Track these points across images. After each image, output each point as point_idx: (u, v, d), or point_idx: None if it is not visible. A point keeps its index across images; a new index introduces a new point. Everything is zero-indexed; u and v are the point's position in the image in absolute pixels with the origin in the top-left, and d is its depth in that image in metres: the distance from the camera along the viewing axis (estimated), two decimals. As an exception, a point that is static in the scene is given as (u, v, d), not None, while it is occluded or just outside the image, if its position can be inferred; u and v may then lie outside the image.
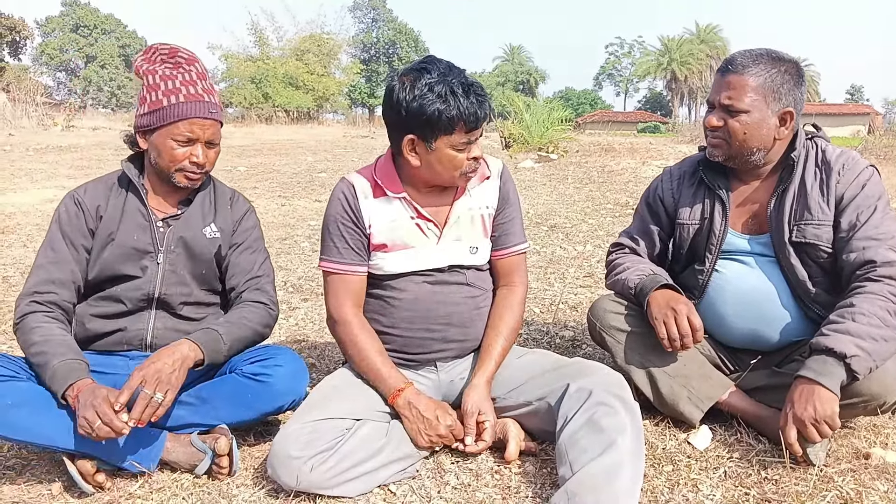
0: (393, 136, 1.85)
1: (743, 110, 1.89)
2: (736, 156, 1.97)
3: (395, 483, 1.78)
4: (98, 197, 1.96)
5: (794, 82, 1.90)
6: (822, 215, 1.91)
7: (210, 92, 1.92)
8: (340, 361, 2.61)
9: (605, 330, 2.12)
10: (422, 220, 1.91)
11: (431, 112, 1.72)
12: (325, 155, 11.30)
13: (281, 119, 25.35)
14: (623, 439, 1.58)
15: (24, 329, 1.81)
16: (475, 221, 1.97)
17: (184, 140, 1.87)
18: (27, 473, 1.86)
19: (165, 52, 1.92)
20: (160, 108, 1.85)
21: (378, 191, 1.92)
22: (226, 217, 2.06)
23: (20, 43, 37.96)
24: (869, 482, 1.73)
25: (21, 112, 17.46)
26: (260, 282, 2.04)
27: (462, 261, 1.96)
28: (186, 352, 1.75)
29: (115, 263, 1.92)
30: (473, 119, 1.75)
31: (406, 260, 1.91)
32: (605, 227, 5.44)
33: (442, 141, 1.77)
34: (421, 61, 1.80)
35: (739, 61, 1.90)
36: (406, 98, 1.74)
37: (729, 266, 2.06)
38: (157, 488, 1.78)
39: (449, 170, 1.83)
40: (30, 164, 9.40)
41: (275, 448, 1.70)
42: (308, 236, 5.17)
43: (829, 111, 48.37)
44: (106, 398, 1.61)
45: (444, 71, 1.74)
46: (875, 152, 12.59)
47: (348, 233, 1.91)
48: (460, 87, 1.72)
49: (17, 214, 5.79)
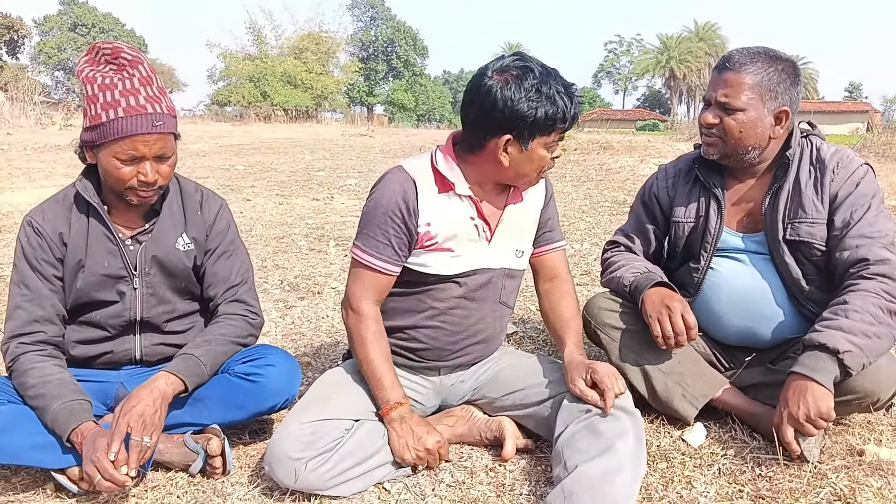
0: (480, 134, 1.74)
1: (739, 108, 1.89)
2: (731, 154, 1.97)
3: (389, 481, 1.78)
4: (59, 222, 1.83)
5: (790, 81, 1.90)
6: (816, 213, 1.91)
7: (155, 100, 1.74)
8: (337, 360, 2.62)
9: (599, 328, 2.12)
10: (480, 220, 1.84)
11: (539, 114, 1.66)
12: (323, 154, 11.28)
13: (279, 118, 25.26)
14: (623, 443, 1.58)
15: (17, 372, 1.76)
16: (524, 224, 1.94)
17: (127, 159, 1.72)
18: (22, 473, 1.86)
19: (108, 52, 1.76)
20: (100, 125, 1.70)
21: (443, 186, 1.82)
22: (197, 224, 1.95)
23: (18, 42, 37.91)
24: (863, 479, 1.74)
25: (19, 111, 17.40)
26: (238, 291, 1.97)
27: (507, 264, 1.92)
28: (164, 387, 1.71)
29: (91, 291, 1.85)
30: (572, 121, 1.72)
31: (454, 261, 1.84)
32: (603, 226, 5.44)
33: (538, 141, 1.71)
34: (515, 58, 1.71)
35: (737, 59, 1.90)
36: (511, 98, 1.65)
37: (724, 264, 2.06)
38: (153, 486, 1.78)
39: (536, 169, 1.78)
40: (27, 164, 9.39)
41: (272, 447, 1.69)
42: (305, 235, 5.17)
43: (828, 109, 48.36)
44: (105, 451, 1.59)
45: (543, 71, 1.68)
46: (874, 150, 12.57)
47: (395, 228, 1.79)
48: (563, 88, 1.68)
49: (15, 213, 5.79)
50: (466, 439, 1.97)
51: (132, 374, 1.95)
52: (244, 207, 6.37)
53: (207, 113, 31.08)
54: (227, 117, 26.58)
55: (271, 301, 3.51)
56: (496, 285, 1.92)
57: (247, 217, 5.90)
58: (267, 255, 4.54)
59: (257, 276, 3.88)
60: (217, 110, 31.26)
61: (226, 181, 8.03)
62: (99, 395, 1.91)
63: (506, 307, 1.99)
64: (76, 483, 1.71)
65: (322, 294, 3.65)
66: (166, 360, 1.95)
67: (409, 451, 1.75)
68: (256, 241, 4.95)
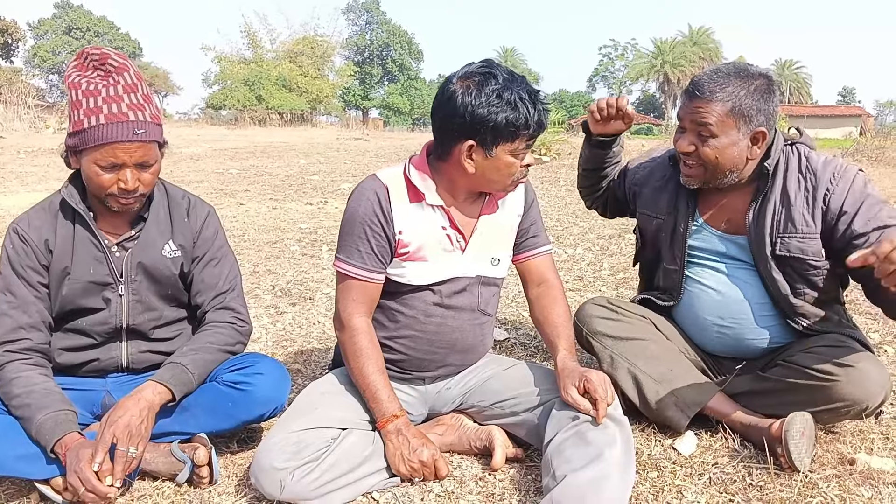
0: (445, 141, 1.75)
1: (712, 135, 1.86)
2: (710, 179, 1.95)
3: (378, 491, 1.77)
4: (44, 229, 1.81)
5: (764, 99, 1.84)
6: (807, 228, 1.88)
7: (138, 108, 1.72)
8: (327, 367, 2.61)
9: (591, 335, 2.11)
10: (453, 231, 1.85)
11: (500, 119, 1.66)
12: (317, 158, 11.28)
13: (274, 121, 25.28)
14: (611, 452, 1.57)
15: (2, 381, 1.73)
16: (501, 233, 1.93)
17: (107, 166, 1.71)
18: (6, 482, 1.84)
19: (96, 58, 1.75)
20: (82, 130, 1.69)
21: (414, 195, 1.82)
22: (184, 231, 1.93)
23: (12, 45, 37.80)
24: (853, 488, 1.73)
25: (13, 114, 17.38)
26: (226, 298, 1.96)
27: (483, 272, 1.91)
28: (151, 397, 1.69)
29: (76, 298, 1.83)
30: (538, 127, 1.71)
31: (428, 270, 1.84)
32: (596, 230, 5.44)
33: (502, 148, 1.71)
34: (481, 65, 1.72)
35: (707, 87, 1.84)
36: (472, 103, 1.65)
37: (704, 274, 2.04)
38: (139, 496, 1.76)
39: (504, 177, 1.77)
40: (21, 167, 9.36)
41: (258, 458, 1.68)
42: (298, 240, 5.15)
43: (821, 113, 48.59)
44: (88, 462, 1.57)
45: (508, 77, 1.68)
46: (867, 154, 12.64)
47: (375, 237, 1.80)
48: (527, 95, 1.67)
49: (7, 218, 5.76)
50: (456, 448, 1.96)
51: (119, 381, 1.94)
52: (238, 212, 6.35)
53: (202, 116, 31.06)
54: (222, 121, 26.56)
55: (262, 307, 3.49)
56: (472, 293, 1.91)
57: (240, 221, 5.89)
58: (259, 259, 4.52)
59: (249, 282, 3.87)
60: (212, 114, 31.26)
61: (220, 185, 8.01)
62: (85, 403, 1.89)
63: (484, 315, 1.97)
64: (60, 493, 1.69)
65: (314, 300, 3.63)
66: (153, 367, 1.94)
67: (403, 464, 1.74)
68: (249, 245, 4.94)
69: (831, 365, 1.80)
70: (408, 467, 1.74)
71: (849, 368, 1.78)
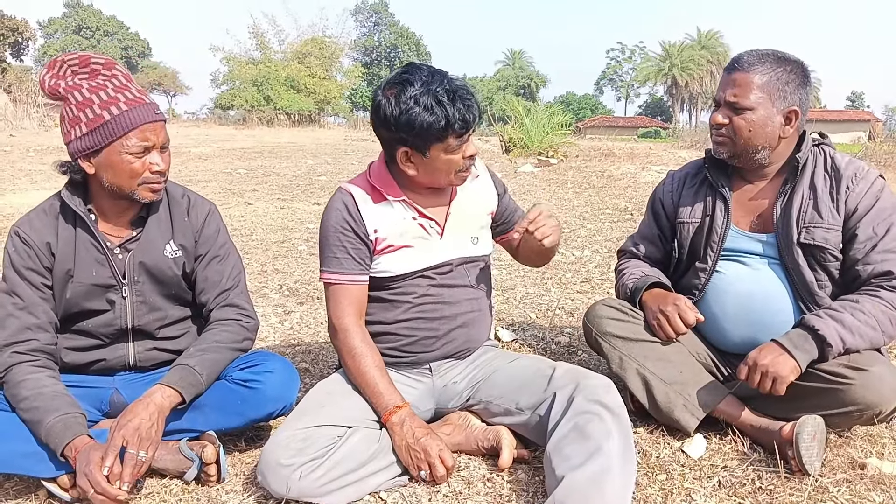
0: (387, 149, 1.86)
1: (748, 107, 1.91)
2: (741, 153, 1.98)
3: (385, 490, 1.76)
4: (46, 232, 1.80)
5: (798, 82, 1.92)
6: (832, 220, 1.93)
7: (144, 93, 1.77)
8: (334, 366, 2.61)
9: (600, 336, 2.10)
10: (424, 220, 1.92)
11: (420, 125, 1.71)
12: (325, 158, 11.28)
13: (282, 122, 25.29)
14: (609, 444, 1.56)
15: (10, 383, 1.72)
16: (475, 213, 2.01)
17: (139, 151, 1.72)
18: (14, 478, 1.84)
19: (76, 63, 1.74)
20: (103, 124, 1.68)
21: (377, 196, 1.91)
22: (185, 231, 1.92)
23: (22, 44, 37.96)
24: (864, 493, 1.72)
25: (22, 113, 17.43)
26: (230, 296, 1.95)
27: (466, 253, 1.99)
28: (160, 401, 1.69)
29: (80, 301, 1.83)
30: (463, 125, 1.74)
31: (412, 259, 1.92)
32: (604, 233, 5.43)
33: (436, 149, 1.78)
34: (402, 71, 1.78)
35: (745, 59, 1.93)
36: (393, 113, 1.73)
37: (730, 268, 2.05)
38: (147, 493, 1.76)
39: (447, 173, 1.85)
40: (30, 166, 9.40)
41: (265, 455, 1.68)
42: (306, 239, 5.16)
43: (830, 117, 48.34)
44: (98, 465, 1.57)
45: (426, 79, 1.72)
46: (875, 159, 12.57)
47: (349, 242, 1.89)
48: (445, 95, 1.71)
49: (17, 216, 5.79)
50: (464, 448, 1.95)
51: (127, 379, 1.94)
52: (245, 211, 6.36)
53: (210, 116, 31.15)
54: (230, 121, 26.61)
55: (270, 306, 3.50)
56: (461, 272, 1.99)
57: (248, 221, 5.90)
58: (267, 259, 4.52)
59: (257, 281, 3.87)
60: (220, 114, 31.33)
61: (228, 185, 8.03)
62: (93, 400, 1.90)
63: (479, 290, 2.04)
64: (67, 491, 1.70)
65: (322, 299, 3.63)
66: (161, 364, 1.94)
67: (408, 453, 1.75)
68: (257, 245, 4.94)
69: (845, 368, 1.79)
70: (413, 456, 1.75)
71: (863, 372, 1.77)
